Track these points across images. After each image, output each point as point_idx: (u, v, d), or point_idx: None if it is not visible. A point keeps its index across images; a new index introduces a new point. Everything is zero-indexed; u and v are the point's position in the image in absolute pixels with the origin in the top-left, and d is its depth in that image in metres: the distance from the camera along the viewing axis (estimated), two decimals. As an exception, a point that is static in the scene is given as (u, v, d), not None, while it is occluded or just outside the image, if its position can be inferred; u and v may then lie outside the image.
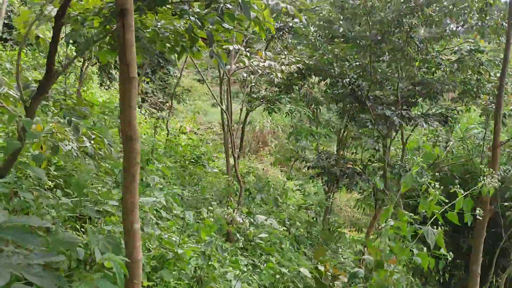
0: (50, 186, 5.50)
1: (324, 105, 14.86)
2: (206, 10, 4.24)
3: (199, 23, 4.06)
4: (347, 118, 13.54)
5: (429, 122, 9.40)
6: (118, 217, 4.47)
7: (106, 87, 15.99)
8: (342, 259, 8.16)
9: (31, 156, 4.36)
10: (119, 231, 4.31)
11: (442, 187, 4.05)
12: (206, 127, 18.55)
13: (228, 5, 3.88)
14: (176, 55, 5.31)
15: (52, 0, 3.95)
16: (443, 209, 4.00)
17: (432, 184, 4.13)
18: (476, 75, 10.86)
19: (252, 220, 8.60)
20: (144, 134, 12.15)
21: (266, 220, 4.84)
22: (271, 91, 13.69)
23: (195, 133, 13.97)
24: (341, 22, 10.09)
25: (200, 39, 4.59)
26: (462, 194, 4.03)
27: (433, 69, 10.35)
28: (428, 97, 10.22)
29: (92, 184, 4.67)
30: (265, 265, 5.84)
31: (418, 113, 10.89)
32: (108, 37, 4.90)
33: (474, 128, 13.23)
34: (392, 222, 3.95)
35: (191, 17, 3.99)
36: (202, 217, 5.23)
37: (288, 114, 14.36)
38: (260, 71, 7.48)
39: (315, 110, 14.79)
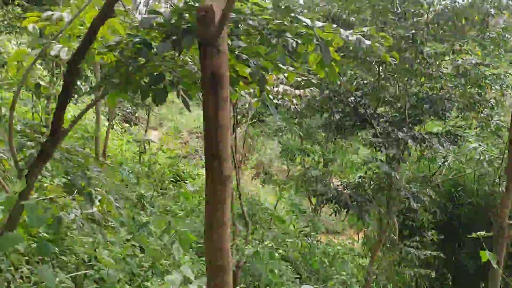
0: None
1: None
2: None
3: (251, 64, 3.11)
4: (335, 130, 12.83)
5: (444, 144, 8.75)
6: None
7: (74, 101, 14.58)
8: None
9: (36, 249, 3.27)
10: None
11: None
12: (182, 142, 17.42)
13: (297, 40, 2.95)
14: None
15: (57, 39, 2.88)
16: None
17: None
18: (477, 89, 10.40)
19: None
20: (129, 161, 10.99)
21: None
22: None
23: (184, 157, 12.87)
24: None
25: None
26: None
27: (439, 84, 9.78)
28: (436, 115, 9.60)
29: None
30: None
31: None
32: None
33: (469, 143, 12.75)
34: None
35: (247, 57, 3.03)
36: None
37: (277, 133, 13.58)
38: (272, 97, 6.55)
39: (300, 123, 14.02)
